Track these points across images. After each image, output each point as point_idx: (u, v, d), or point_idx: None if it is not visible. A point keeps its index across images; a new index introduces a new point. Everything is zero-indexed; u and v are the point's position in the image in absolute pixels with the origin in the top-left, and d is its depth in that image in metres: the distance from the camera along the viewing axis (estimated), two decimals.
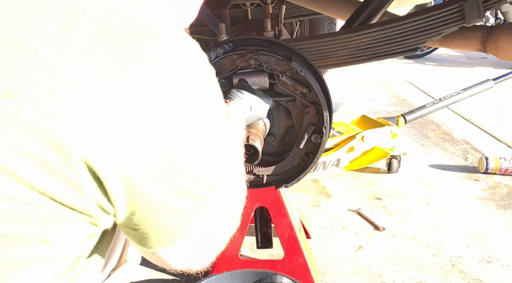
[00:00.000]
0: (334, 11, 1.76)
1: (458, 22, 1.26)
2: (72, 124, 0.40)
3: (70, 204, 0.43)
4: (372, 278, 1.56)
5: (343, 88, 4.48)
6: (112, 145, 0.42)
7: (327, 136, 1.24)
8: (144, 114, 0.43)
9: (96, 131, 0.41)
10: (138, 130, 0.43)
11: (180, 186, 0.48)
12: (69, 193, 0.42)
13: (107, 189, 0.44)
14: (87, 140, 0.41)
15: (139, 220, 0.48)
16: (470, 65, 5.72)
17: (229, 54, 1.17)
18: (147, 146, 0.43)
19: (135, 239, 0.52)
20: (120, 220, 0.48)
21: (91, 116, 0.41)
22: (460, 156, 2.64)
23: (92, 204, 0.44)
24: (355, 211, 2.02)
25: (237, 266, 1.34)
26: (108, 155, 0.42)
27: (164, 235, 0.51)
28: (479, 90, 2.54)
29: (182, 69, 0.46)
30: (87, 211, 0.44)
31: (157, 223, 0.49)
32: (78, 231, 0.46)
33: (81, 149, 0.40)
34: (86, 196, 0.43)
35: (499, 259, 1.65)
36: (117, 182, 0.43)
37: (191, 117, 0.47)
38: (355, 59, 1.36)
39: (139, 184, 0.44)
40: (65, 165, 0.40)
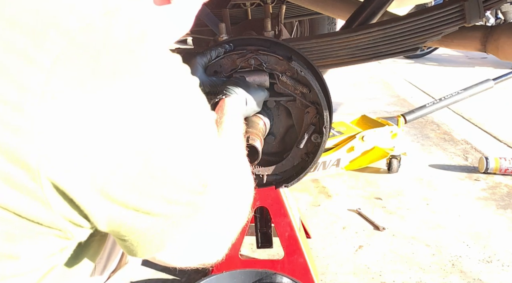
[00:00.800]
0: (334, 11, 1.76)
1: (458, 22, 1.26)
2: (37, 141, 0.39)
3: (36, 219, 0.42)
4: (372, 278, 1.56)
5: (343, 88, 4.48)
6: (82, 162, 0.40)
7: (327, 136, 1.24)
8: (116, 127, 0.41)
9: (64, 149, 0.40)
10: (110, 144, 0.41)
11: (164, 194, 0.46)
12: (35, 208, 0.41)
13: (79, 205, 0.42)
14: (53, 158, 0.39)
15: (126, 230, 0.47)
16: (470, 65, 5.71)
17: (229, 54, 1.17)
18: (121, 158, 0.42)
19: (126, 249, 0.51)
20: (104, 230, 0.47)
21: (59, 132, 0.39)
22: (460, 156, 2.64)
23: (61, 219, 0.43)
24: (355, 211, 2.02)
25: (237, 266, 1.34)
26: (78, 172, 0.41)
27: (153, 241, 0.49)
28: (479, 90, 2.54)
29: (159, 82, 0.45)
30: (55, 226, 0.43)
31: (144, 231, 0.48)
32: (47, 245, 0.45)
33: (46, 167, 0.39)
34: (54, 211, 0.42)
35: (499, 259, 1.65)
36: (91, 197, 0.42)
37: (169, 127, 0.45)
38: (355, 59, 1.36)
39: (118, 196, 0.43)
40: (29, 180, 0.40)
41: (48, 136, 0.39)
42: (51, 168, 0.40)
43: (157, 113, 0.44)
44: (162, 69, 0.46)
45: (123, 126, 0.42)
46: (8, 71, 0.39)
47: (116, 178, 0.42)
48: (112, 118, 0.41)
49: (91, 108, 0.40)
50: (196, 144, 0.49)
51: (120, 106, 0.41)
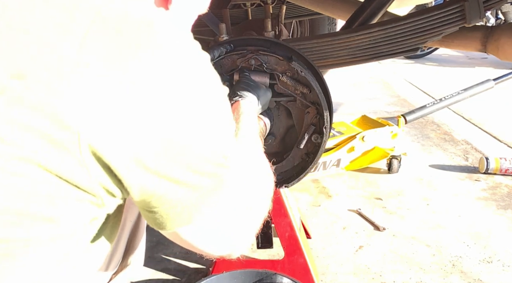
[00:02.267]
0: (334, 11, 1.76)
1: (458, 22, 1.26)
2: (78, 105, 0.41)
3: (75, 182, 0.43)
4: (372, 278, 1.56)
5: (343, 88, 4.48)
6: (118, 128, 0.43)
7: (327, 137, 1.24)
8: (148, 97, 0.44)
9: (101, 115, 0.42)
10: (143, 112, 0.44)
11: (191, 164, 0.48)
12: (74, 170, 0.43)
13: (114, 171, 0.44)
14: (93, 123, 0.42)
15: (157, 200, 0.49)
16: (470, 65, 5.71)
17: (229, 54, 1.17)
18: (153, 127, 0.44)
19: (154, 222, 0.53)
20: (137, 199, 0.49)
21: (96, 99, 0.42)
22: (460, 156, 2.64)
23: (97, 184, 0.45)
24: (355, 211, 2.02)
25: (237, 266, 1.34)
26: (114, 138, 0.43)
27: (182, 213, 0.51)
28: (480, 91, 2.54)
29: (179, 55, 0.47)
30: (91, 190, 0.45)
31: (174, 202, 0.50)
32: (81, 211, 0.46)
33: (86, 131, 0.41)
34: (91, 175, 0.44)
35: (500, 259, 1.65)
36: (126, 164, 0.44)
37: (194, 98, 0.48)
38: (356, 59, 1.36)
39: (151, 164, 0.45)
40: (71, 142, 0.41)
41: (86, 101, 0.41)
42: (89, 132, 0.41)
43: (184, 83, 0.47)
44: (179, 43, 0.48)
45: (153, 96, 0.44)
46: (47, 42, 0.41)
47: (148, 146, 0.44)
48: (143, 88, 0.44)
49: (122, 79, 0.43)
50: (216, 117, 0.51)
51: (149, 76, 0.44)
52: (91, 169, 0.43)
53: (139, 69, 0.44)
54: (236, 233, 0.63)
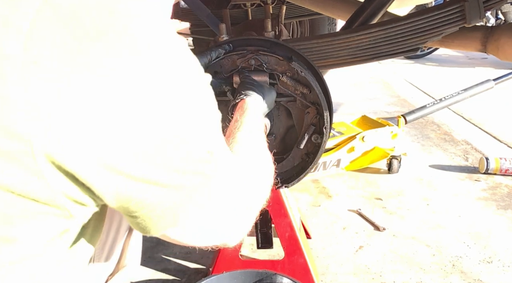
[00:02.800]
0: (334, 11, 1.76)
1: (458, 22, 1.26)
2: (27, 111, 0.36)
3: (32, 196, 0.39)
4: (372, 278, 1.56)
5: (343, 88, 4.48)
6: (79, 132, 0.38)
7: (327, 137, 1.24)
8: (112, 93, 0.39)
9: (57, 119, 0.37)
10: (107, 111, 0.39)
11: (171, 163, 0.44)
12: (30, 183, 0.38)
13: (81, 180, 0.40)
14: (46, 129, 0.37)
15: (136, 205, 0.44)
16: (470, 65, 5.71)
17: (229, 54, 1.17)
18: (122, 126, 0.39)
19: (138, 227, 0.49)
20: (113, 206, 0.44)
21: (48, 101, 0.36)
22: (460, 156, 2.64)
23: (59, 195, 0.40)
24: (355, 211, 2.02)
25: (237, 266, 1.34)
26: (75, 144, 0.38)
27: (165, 216, 0.47)
28: (480, 91, 2.54)
29: (150, 41, 0.42)
30: (53, 202, 0.40)
31: (154, 204, 0.45)
32: (45, 227, 0.42)
33: (40, 139, 0.37)
34: (51, 186, 0.39)
35: (500, 259, 1.65)
36: (94, 170, 0.40)
37: (169, 89, 0.43)
38: (356, 60, 1.36)
39: (123, 168, 0.41)
40: (23, 153, 0.37)
41: (37, 105, 0.36)
42: (44, 140, 0.37)
43: (154, 75, 0.41)
44: (149, 27, 0.42)
45: (120, 93, 0.39)
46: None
47: (118, 147, 0.40)
48: (106, 85, 0.38)
49: (80, 75, 0.37)
50: (196, 108, 0.47)
51: (112, 71, 0.39)
52: (50, 179, 0.39)
53: (100, 62, 0.38)
54: (230, 225, 0.59)
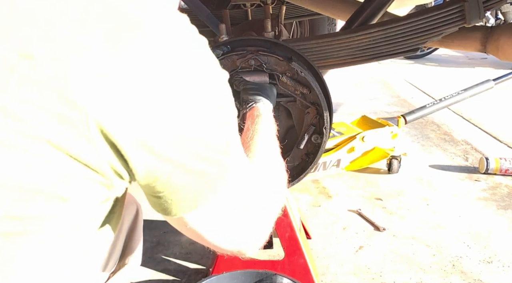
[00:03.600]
0: (334, 11, 1.76)
1: (458, 22, 1.26)
2: (85, 84, 0.42)
3: (85, 160, 0.44)
4: (372, 278, 1.56)
5: (343, 88, 4.48)
6: (124, 107, 0.44)
7: (327, 137, 1.24)
8: (153, 80, 0.45)
9: (108, 94, 0.43)
10: (148, 94, 0.45)
11: (195, 149, 0.49)
12: (84, 149, 0.44)
13: (121, 151, 0.45)
14: (100, 101, 0.42)
15: (162, 185, 0.49)
16: (470, 65, 5.71)
17: (229, 54, 1.17)
18: (158, 109, 0.45)
19: (160, 208, 0.53)
20: (141, 182, 0.50)
21: (102, 78, 0.43)
22: (460, 156, 2.64)
23: (105, 164, 0.46)
24: (355, 211, 2.02)
25: (238, 267, 1.34)
26: (121, 117, 0.44)
27: (187, 198, 0.52)
28: (480, 91, 2.54)
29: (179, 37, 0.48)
30: (100, 170, 0.46)
31: (178, 186, 0.50)
32: (93, 191, 0.47)
33: (94, 109, 0.42)
34: (99, 155, 0.45)
35: (500, 259, 1.65)
36: (132, 144, 0.45)
37: (198, 82, 0.49)
38: (356, 60, 1.36)
39: (155, 147, 0.46)
40: (79, 120, 0.42)
41: (93, 80, 0.42)
42: (97, 110, 0.42)
43: (185, 67, 0.48)
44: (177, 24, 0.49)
45: (158, 81, 0.45)
46: (53, 23, 0.43)
47: (153, 128, 0.45)
48: (148, 72, 0.45)
49: (125, 61, 0.44)
50: (218, 102, 0.52)
51: (152, 61, 0.45)
52: (99, 147, 0.44)
53: (140, 51, 0.44)
54: (245, 227, 0.62)
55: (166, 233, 1.85)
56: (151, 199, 0.54)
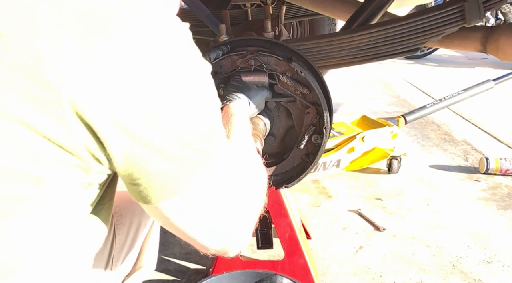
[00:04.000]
0: (334, 11, 1.76)
1: (458, 22, 1.26)
2: (58, 63, 0.41)
3: (59, 141, 0.43)
4: (372, 278, 1.56)
5: (343, 88, 4.48)
6: (100, 87, 0.43)
7: (327, 137, 1.24)
8: (132, 61, 0.44)
9: (82, 73, 0.42)
10: (126, 74, 0.44)
11: (174, 132, 0.48)
12: (57, 129, 0.43)
13: (98, 134, 0.44)
14: (74, 81, 0.42)
15: (139, 170, 0.48)
16: (470, 65, 5.71)
17: (229, 54, 1.17)
18: (136, 90, 0.44)
19: (139, 196, 0.52)
20: (119, 169, 0.48)
21: (76, 58, 0.42)
22: (460, 156, 2.64)
23: (81, 146, 0.45)
24: (355, 211, 2.02)
25: (238, 267, 1.34)
26: (96, 98, 0.43)
27: (166, 185, 0.50)
28: (480, 91, 2.54)
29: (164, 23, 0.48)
30: (75, 152, 0.45)
31: (157, 172, 0.49)
32: (69, 174, 0.46)
33: (68, 89, 0.42)
34: (75, 136, 0.44)
35: (500, 259, 1.65)
36: (108, 125, 0.44)
37: (179, 65, 0.48)
38: (356, 60, 1.36)
39: (132, 129, 0.45)
40: (53, 100, 0.42)
41: (67, 60, 0.42)
42: (71, 90, 0.42)
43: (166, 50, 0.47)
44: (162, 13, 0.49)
45: (137, 61, 0.45)
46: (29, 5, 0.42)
47: (130, 109, 0.44)
48: (127, 53, 0.44)
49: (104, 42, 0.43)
50: (200, 86, 0.52)
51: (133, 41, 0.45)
52: (74, 128, 0.43)
53: (123, 34, 0.44)
54: (227, 221, 0.60)
55: (166, 233, 1.84)
56: (130, 187, 0.52)
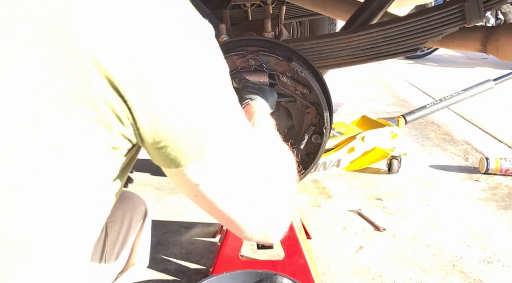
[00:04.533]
0: (334, 11, 1.76)
1: (458, 22, 1.26)
2: (76, 13, 0.41)
3: (75, 92, 0.43)
4: (372, 278, 1.56)
5: (343, 88, 4.48)
6: (120, 41, 0.43)
7: (327, 137, 1.24)
8: (153, 16, 0.45)
9: (102, 24, 0.42)
10: (148, 28, 0.44)
11: (198, 94, 0.48)
12: (75, 79, 0.42)
13: (118, 87, 0.44)
14: (92, 31, 0.42)
15: (163, 130, 0.47)
16: (470, 65, 5.72)
17: (229, 54, 1.17)
18: (159, 47, 0.44)
19: (168, 160, 0.51)
20: (144, 129, 0.47)
21: (96, 9, 0.42)
22: (460, 156, 2.64)
23: (100, 99, 0.44)
24: (355, 211, 2.02)
25: (238, 267, 1.34)
26: (116, 48, 0.42)
27: (192, 144, 0.49)
28: (480, 91, 2.54)
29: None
30: (93, 105, 0.44)
31: (181, 132, 0.48)
32: (89, 132, 0.45)
33: (85, 39, 0.41)
34: (91, 87, 0.43)
35: (500, 259, 1.65)
36: (128, 78, 0.44)
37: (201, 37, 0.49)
38: (356, 60, 1.36)
39: (153, 84, 0.45)
40: (71, 51, 0.41)
41: (86, 10, 0.42)
42: (89, 40, 0.41)
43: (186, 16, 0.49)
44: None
45: (160, 20, 0.45)
46: None
47: (151, 64, 0.44)
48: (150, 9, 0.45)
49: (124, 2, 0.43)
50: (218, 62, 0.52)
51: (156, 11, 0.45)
52: (92, 79, 0.42)
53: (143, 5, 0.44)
54: (264, 198, 0.58)
55: (166, 233, 1.86)
56: (155, 153, 0.51)
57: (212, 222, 1.91)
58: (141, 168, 2.42)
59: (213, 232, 1.84)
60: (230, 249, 1.36)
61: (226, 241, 1.36)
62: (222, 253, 1.38)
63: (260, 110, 0.94)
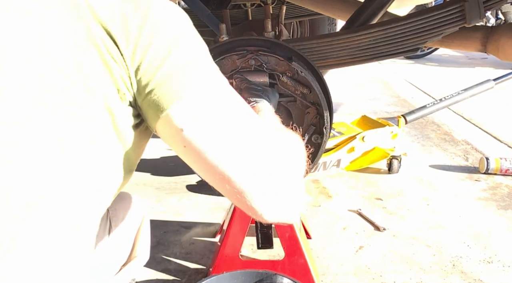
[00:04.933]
0: (334, 11, 1.76)
1: (458, 22, 1.26)
2: None
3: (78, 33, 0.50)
4: (372, 278, 1.56)
5: (343, 88, 4.48)
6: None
7: (327, 137, 1.24)
8: None
9: None
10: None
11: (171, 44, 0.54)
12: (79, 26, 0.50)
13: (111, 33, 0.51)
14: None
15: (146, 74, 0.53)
16: (470, 65, 5.71)
17: (229, 54, 1.17)
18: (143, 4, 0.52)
19: (154, 106, 0.54)
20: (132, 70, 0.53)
21: None
22: (460, 156, 2.64)
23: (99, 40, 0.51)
24: (355, 211, 2.02)
25: (238, 266, 1.34)
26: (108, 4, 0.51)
27: (173, 87, 0.53)
28: (480, 91, 2.54)
29: None
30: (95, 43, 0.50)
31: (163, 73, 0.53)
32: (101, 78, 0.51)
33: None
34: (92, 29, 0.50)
35: (500, 259, 1.65)
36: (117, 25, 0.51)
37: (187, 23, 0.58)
38: (356, 60, 1.36)
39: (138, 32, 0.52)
40: (78, 6, 0.49)
41: None
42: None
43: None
44: None
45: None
46: None
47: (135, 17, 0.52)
48: None
49: None
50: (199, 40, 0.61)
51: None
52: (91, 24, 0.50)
53: None
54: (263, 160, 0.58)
55: (166, 233, 1.85)
56: (147, 106, 0.55)
57: (212, 222, 1.92)
58: (141, 168, 2.42)
59: (213, 232, 1.84)
60: (230, 249, 1.36)
61: (226, 241, 1.36)
62: (222, 253, 1.38)
63: (265, 108, 0.98)
